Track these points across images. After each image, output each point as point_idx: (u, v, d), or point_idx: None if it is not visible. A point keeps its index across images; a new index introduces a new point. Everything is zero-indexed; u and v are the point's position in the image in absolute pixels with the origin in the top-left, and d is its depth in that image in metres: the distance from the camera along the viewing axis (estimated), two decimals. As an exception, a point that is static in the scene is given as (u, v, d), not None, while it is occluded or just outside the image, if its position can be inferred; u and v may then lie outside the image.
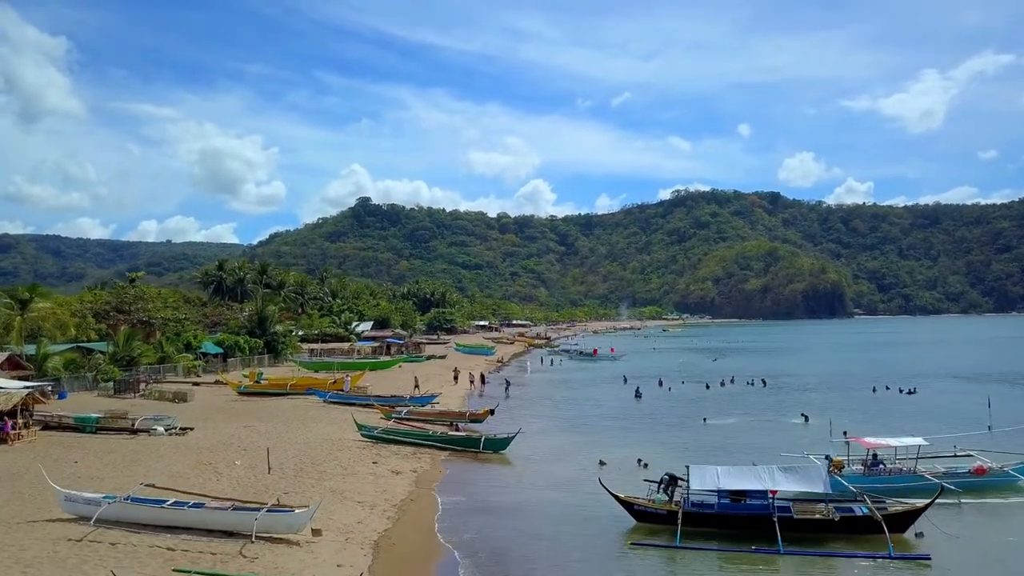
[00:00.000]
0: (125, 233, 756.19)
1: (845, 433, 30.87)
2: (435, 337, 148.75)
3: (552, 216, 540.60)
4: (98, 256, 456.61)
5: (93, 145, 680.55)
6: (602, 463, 31.12)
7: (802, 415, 44.18)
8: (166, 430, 32.78)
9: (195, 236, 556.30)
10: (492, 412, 39.88)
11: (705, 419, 44.45)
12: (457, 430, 36.86)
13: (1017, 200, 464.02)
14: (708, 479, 22.17)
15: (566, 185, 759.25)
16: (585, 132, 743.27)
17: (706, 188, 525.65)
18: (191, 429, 33.98)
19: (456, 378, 61.83)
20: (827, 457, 26.63)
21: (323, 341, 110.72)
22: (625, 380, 68.57)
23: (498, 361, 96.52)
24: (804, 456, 28.32)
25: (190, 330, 73.88)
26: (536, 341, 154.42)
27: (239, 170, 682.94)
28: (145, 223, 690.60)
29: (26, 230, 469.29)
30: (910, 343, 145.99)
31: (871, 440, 26.80)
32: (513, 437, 33.39)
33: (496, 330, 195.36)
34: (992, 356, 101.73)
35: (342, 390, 46.86)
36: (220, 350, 65.15)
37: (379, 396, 45.86)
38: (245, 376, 55.15)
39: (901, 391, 58.82)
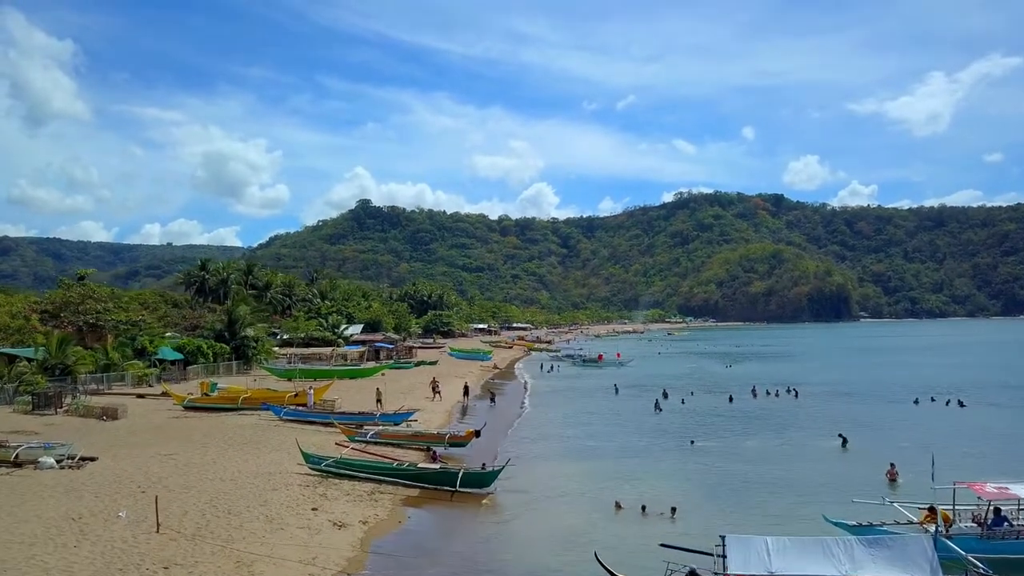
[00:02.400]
0: (128, 236, 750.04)
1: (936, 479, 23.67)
2: (430, 341, 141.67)
3: (554, 218, 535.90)
4: (98, 259, 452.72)
5: (97, 148, 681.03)
6: (619, 506, 24.24)
7: (840, 436, 36.81)
8: (57, 462, 25.76)
9: (198, 239, 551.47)
10: (478, 434, 32.73)
11: (692, 442, 37.34)
12: (433, 458, 29.84)
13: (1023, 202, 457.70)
14: (755, 558, 15.00)
15: (569, 189, 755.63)
16: (588, 135, 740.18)
17: (709, 190, 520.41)
18: (93, 460, 26.91)
19: (435, 391, 51.71)
20: (931, 509, 19.38)
21: (309, 345, 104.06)
22: (616, 390, 61.18)
23: (494, 367, 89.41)
24: (887, 504, 21.06)
25: (157, 332, 67.12)
26: (537, 345, 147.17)
27: (243, 173, 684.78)
28: (148, 226, 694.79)
29: (29, 233, 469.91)
30: (928, 347, 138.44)
31: (992, 488, 19.00)
32: (500, 471, 26.27)
33: (495, 333, 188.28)
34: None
35: (304, 405, 39.74)
36: (180, 356, 58.04)
37: (346, 413, 38.68)
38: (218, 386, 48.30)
39: (948, 403, 51.64)
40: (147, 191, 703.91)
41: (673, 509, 23.68)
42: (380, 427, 34.63)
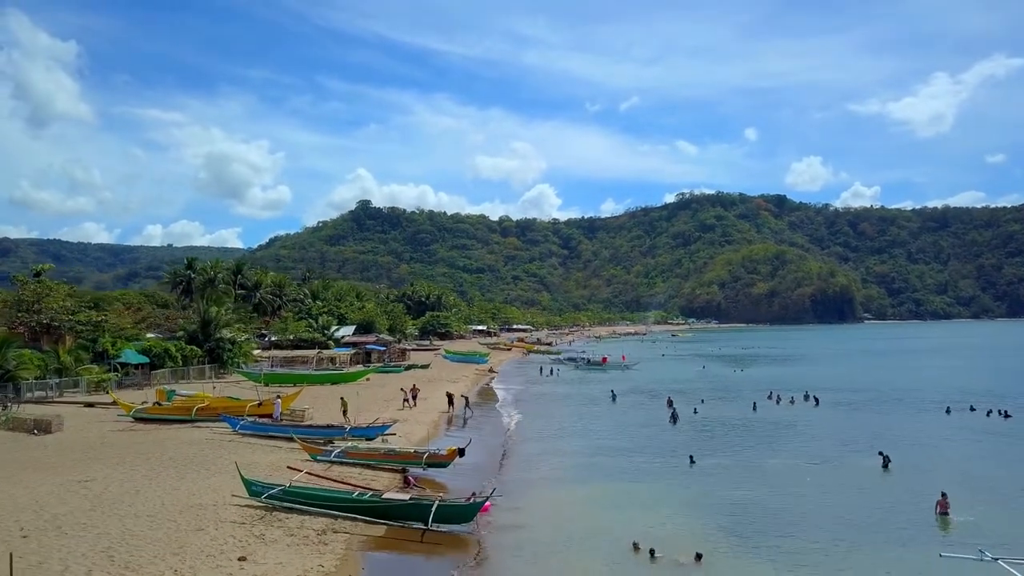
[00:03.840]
0: (130, 238, 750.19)
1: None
2: (427, 343, 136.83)
3: (555, 219, 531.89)
4: (98, 260, 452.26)
5: (98, 149, 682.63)
6: (636, 547, 19.44)
7: (880, 455, 31.75)
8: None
9: (200, 241, 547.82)
10: (462, 452, 27.87)
11: (691, 460, 32.04)
12: (407, 483, 25.01)
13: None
14: None
15: (571, 190, 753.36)
16: (589, 137, 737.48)
17: (711, 191, 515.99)
18: (-16, 488, 22.11)
19: (409, 400, 45.12)
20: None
21: (298, 347, 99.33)
22: (614, 397, 56.02)
23: (489, 371, 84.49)
24: (987, 559, 16.04)
25: (132, 334, 62.45)
26: (536, 347, 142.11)
27: (244, 175, 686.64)
28: (150, 227, 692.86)
29: (31, 234, 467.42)
30: (939, 350, 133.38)
31: None
32: (483, 503, 21.41)
33: (495, 335, 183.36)
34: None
35: (269, 416, 34.86)
36: (145, 360, 53.15)
37: (313, 426, 33.74)
38: (185, 394, 43.48)
39: (990, 413, 46.51)
40: (149, 192, 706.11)
41: (698, 556, 18.86)
42: (349, 443, 29.72)
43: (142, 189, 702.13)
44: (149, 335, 68.32)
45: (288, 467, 24.35)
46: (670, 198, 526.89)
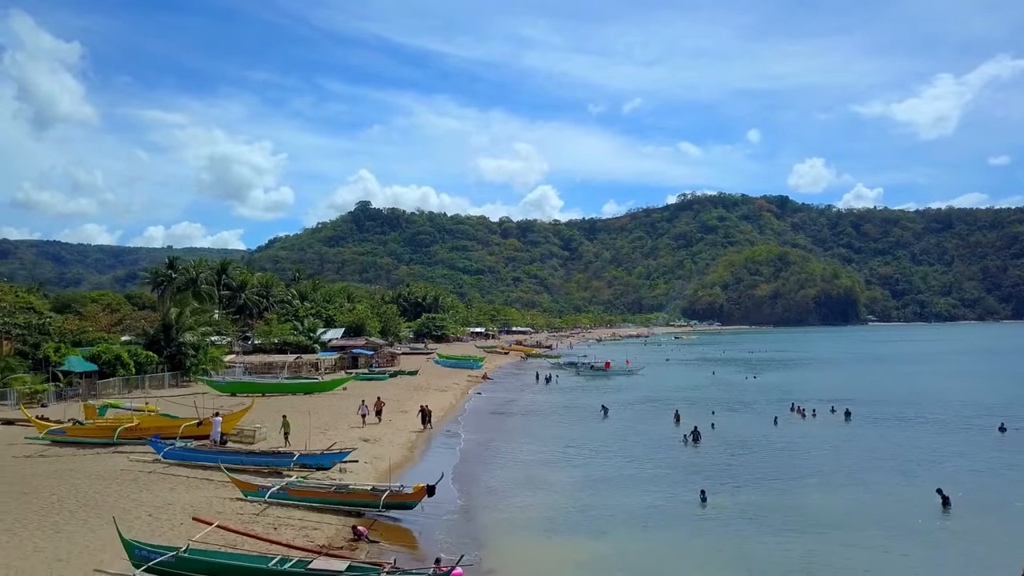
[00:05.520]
0: (131, 239, 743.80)
1: None
2: (421, 346, 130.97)
3: (555, 220, 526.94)
4: (98, 262, 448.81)
5: (100, 151, 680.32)
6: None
7: (939, 493, 25.84)
8: None
9: (201, 242, 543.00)
10: (431, 491, 22.06)
11: (702, 497, 25.99)
12: (357, 536, 19.19)
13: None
14: None
15: (573, 192, 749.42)
16: (591, 138, 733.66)
17: (713, 192, 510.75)
18: None
19: (368, 415, 39.20)
20: None
21: (282, 351, 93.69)
22: (605, 413, 48.72)
23: (483, 377, 78.59)
24: None
25: (93, 338, 56.93)
26: (535, 351, 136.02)
27: (246, 176, 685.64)
28: (152, 229, 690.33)
29: (33, 236, 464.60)
30: (960, 353, 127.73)
31: None
32: (449, 572, 15.59)
33: (492, 337, 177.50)
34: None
35: (207, 437, 29.06)
36: (93, 367, 47.33)
37: (254, 452, 27.33)
38: (127, 409, 37.75)
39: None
40: (150, 194, 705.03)
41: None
42: (294, 476, 23.80)
43: (144, 190, 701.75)
44: (124, 338, 62.86)
45: (194, 518, 18.45)
46: (672, 200, 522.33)
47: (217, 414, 29.82)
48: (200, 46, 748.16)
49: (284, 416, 32.50)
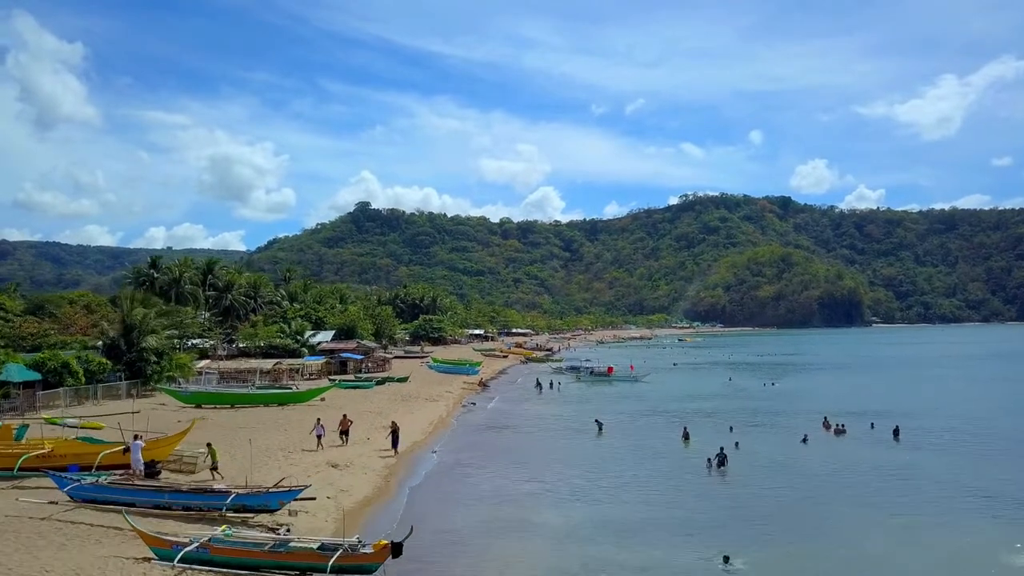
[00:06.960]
0: (132, 240, 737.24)
1: None
2: (417, 349, 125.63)
3: (556, 221, 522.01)
4: (97, 263, 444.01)
5: (102, 152, 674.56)
6: None
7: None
8: None
9: (202, 243, 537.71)
10: (398, 549, 16.83)
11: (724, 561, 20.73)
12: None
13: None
14: None
15: (575, 193, 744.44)
16: (593, 139, 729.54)
17: (715, 193, 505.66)
18: None
19: (324, 436, 32.76)
20: None
21: (268, 355, 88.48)
22: (600, 428, 43.11)
23: (479, 384, 73.27)
24: None
25: (54, 342, 51.76)
26: (535, 354, 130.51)
27: (248, 177, 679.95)
28: (153, 230, 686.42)
29: (34, 237, 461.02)
30: (981, 357, 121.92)
31: None
32: None
33: (492, 339, 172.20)
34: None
35: (126, 468, 23.65)
36: (36, 376, 42.10)
37: (177, 492, 21.27)
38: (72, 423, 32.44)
39: None
40: (152, 195, 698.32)
41: None
42: (221, 529, 18.42)
43: (145, 191, 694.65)
44: (100, 342, 57.68)
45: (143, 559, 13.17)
46: (674, 200, 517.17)
47: (138, 437, 24.32)
48: (201, 47, 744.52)
49: (208, 444, 26.32)
